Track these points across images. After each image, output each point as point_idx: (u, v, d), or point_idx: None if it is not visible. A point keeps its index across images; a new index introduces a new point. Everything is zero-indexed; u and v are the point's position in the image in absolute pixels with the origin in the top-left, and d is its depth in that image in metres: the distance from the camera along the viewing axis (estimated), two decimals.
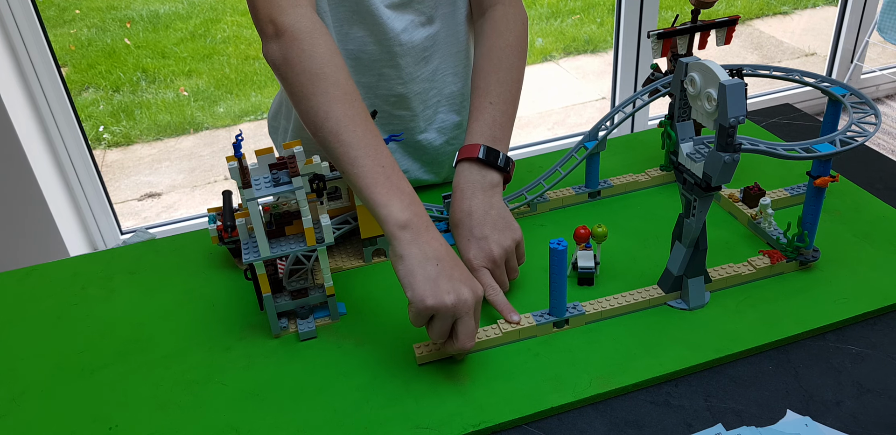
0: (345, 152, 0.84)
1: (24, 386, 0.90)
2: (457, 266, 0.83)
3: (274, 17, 0.88)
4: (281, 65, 0.88)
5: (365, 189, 0.83)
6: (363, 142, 0.85)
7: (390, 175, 0.84)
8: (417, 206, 0.84)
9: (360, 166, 0.84)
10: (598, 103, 3.45)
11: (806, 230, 0.97)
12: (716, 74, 0.78)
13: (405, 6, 1.05)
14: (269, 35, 0.89)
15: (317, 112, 0.86)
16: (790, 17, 4.20)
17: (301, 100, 0.87)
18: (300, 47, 0.87)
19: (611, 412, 0.83)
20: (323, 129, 0.85)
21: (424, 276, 0.80)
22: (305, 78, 0.86)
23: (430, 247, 0.82)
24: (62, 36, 4.02)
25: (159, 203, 2.92)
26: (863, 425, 0.80)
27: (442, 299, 0.79)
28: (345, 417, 0.83)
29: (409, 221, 0.82)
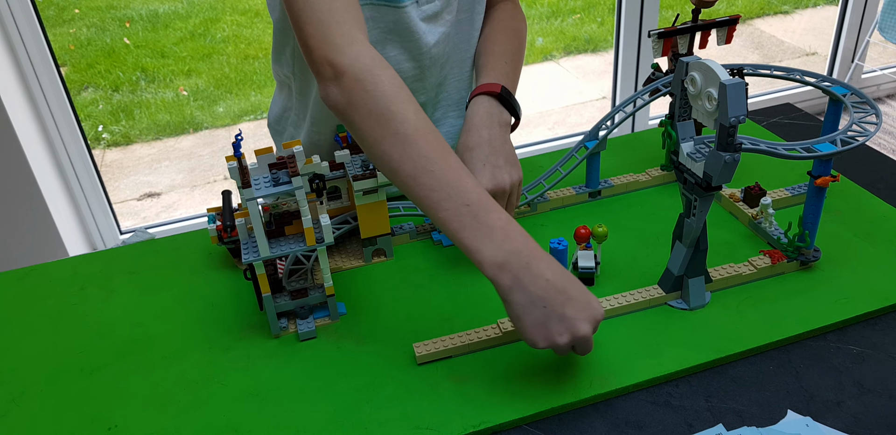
0: (426, 196, 0.79)
1: (24, 386, 0.90)
2: (569, 300, 0.77)
3: (331, 58, 0.83)
4: (345, 109, 0.83)
5: (454, 235, 0.78)
6: (443, 182, 0.79)
7: (477, 213, 0.78)
8: (513, 241, 0.78)
9: (444, 210, 0.78)
10: (598, 103, 3.44)
11: (807, 230, 0.97)
12: (716, 74, 0.78)
13: (436, 18, 1.05)
14: (328, 77, 0.83)
15: (391, 156, 0.80)
16: (791, 16, 4.20)
17: (372, 145, 0.82)
18: (363, 88, 0.82)
19: (611, 412, 0.83)
20: (399, 174, 0.80)
21: (532, 322, 0.77)
22: (373, 120, 0.81)
23: (534, 288, 0.76)
24: (61, 35, 4.02)
25: (159, 203, 2.92)
26: (863, 425, 0.80)
27: (554, 341, 0.78)
28: (345, 417, 0.83)
29: (506, 262, 0.77)
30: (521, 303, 0.77)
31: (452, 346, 0.89)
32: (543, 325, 0.77)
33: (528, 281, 0.77)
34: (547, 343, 0.78)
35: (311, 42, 0.84)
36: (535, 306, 0.77)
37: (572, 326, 0.77)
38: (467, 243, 0.78)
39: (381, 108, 0.81)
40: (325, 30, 0.83)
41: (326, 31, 0.83)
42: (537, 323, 0.77)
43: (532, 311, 0.77)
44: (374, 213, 1.02)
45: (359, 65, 0.83)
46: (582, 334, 0.77)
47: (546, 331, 0.77)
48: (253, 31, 4.12)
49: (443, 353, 0.89)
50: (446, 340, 0.89)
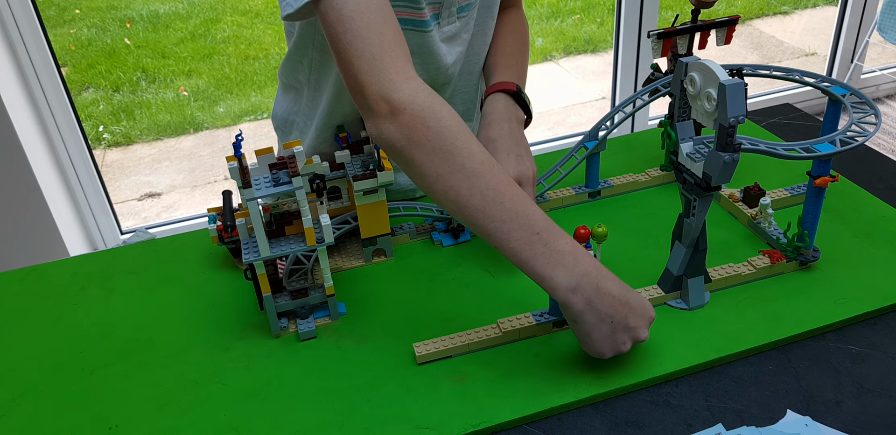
0: (496, 229, 0.79)
1: (24, 386, 0.90)
2: (631, 311, 0.81)
3: (387, 95, 0.80)
4: (405, 146, 0.80)
5: (525, 263, 0.79)
6: (512, 213, 0.80)
7: (548, 241, 0.80)
8: (582, 264, 0.80)
9: (514, 241, 0.79)
10: (598, 103, 3.45)
11: (806, 230, 0.97)
12: (715, 74, 0.78)
13: (455, 38, 1.05)
14: (383, 114, 0.81)
15: (458, 191, 0.80)
16: (790, 16, 4.20)
17: (436, 180, 0.81)
18: (425, 125, 0.80)
19: (611, 412, 0.83)
20: (468, 208, 0.80)
21: (600, 336, 0.81)
22: (438, 156, 0.80)
23: (603, 307, 0.80)
24: (62, 36, 4.02)
25: (159, 203, 2.92)
26: (863, 425, 0.80)
27: (619, 349, 0.83)
28: (345, 417, 0.83)
29: (578, 286, 0.79)
30: (591, 322, 0.80)
31: (452, 345, 0.89)
32: (610, 337, 0.81)
33: (599, 301, 0.80)
34: (613, 353, 0.83)
35: (362, 77, 0.81)
36: (604, 323, 0.81)
37: (635, 334, 0.83)
38: (540, 271, 0.79)
39: (446, 144, 0.80)
40: (378, 65, 0.81)
41: (381, 67, 0.81)
42: (604, 337, 0.81)
43: (600, 327, 0.81)
44: (374, 214, 1.02)
45: (418, 101, 0.81)
46: (642, 339, 0.83)
47: (612, 342, 0.82)
48: (253, 31, 4.12)
49: (443, 352, 0.89)
50: (446, 340, 0.89)
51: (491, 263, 1.04)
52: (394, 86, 0.80)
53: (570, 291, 0.79)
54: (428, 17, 0.98)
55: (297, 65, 1.09)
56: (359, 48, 0.81)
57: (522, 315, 0.92)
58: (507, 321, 0.91)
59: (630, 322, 0.81)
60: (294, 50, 1.07)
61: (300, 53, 1.07)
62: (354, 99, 0.84)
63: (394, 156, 0.83)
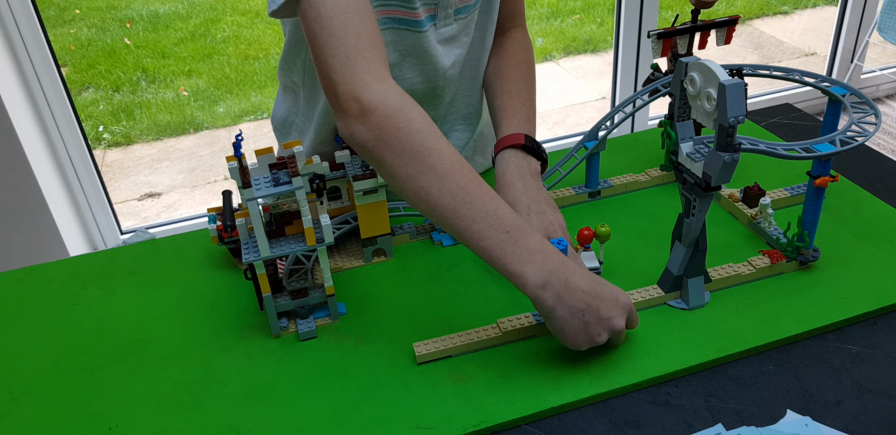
0: (466, 227, 0.81)
1: (24, 386, 0.90)
2: (602, 302, 0.82)
3: (358, 95, 0.81)
4: (375, 146, 0.81)
5: (496, 261, 0.81)
6: (482, 212, 0.81)
7: (517, 239, 0.81)
8: (551, 260, 0.81)
9: (484, 239, 0.81)
10: (598, 103, 3.45)
11: (806, 230, 0.97)
12: (715, 74, 0.78)
13: (453, 40, 1.05)
14: (354, 114, 0.81)
15: (428, 191, 0.81)
16: (790, 16, 4.20)
17: (406, 181, 0.82)
18: (395, 125, 0.81)
19: (611, 412, 0.83)
20: (438, 207, 0.81)
21: (574, 330, 0.82)
22: (408, 157, 0.81)
23: (573, 301, 0.81)
24: (62, 36, 4.02)
25: (159, 203, 2.92)
26: (863, 425, 0.80)
27: (594, 341, 0.84)
28: (345, 417, 0.83)
29: (547, 283, 0.80)
30: (563, 317, 0.82)
31: (452, 345, 0.89)
32: (584, 330, 0.82)
33: (568, 296, 0.81)
34: (589, 344, 0.84)
35: (335, 76, 0.82)
36: (576, 317, 0.82)
37: (609, 324, 0.83)
38: (510, 268, 0.80)
39: (416, 144, 0.81)
40: (351, 65, 0.82)
41: (354, 67, 0.81)
42: (578, 330, 0.82)
43: (572, 322, 0.82)
44: (374, 213, 1.02)
45: (389, 102, 0.82)
46: (618, 328, 0.84)
47: (587, 334, 0.83)
48: (253, 31, 4.12)
49: (443, 352, 0.89)
50: (446, 340, 0.89)
51: None
52: (365, 86, 0.81)
53: (540, 288, 0.80)
54: (423, 18, 0.98)
55: (292, 66, 1.09)
56: (333, 47, 0.82)
57: (522, 315, 0.92)
58: (507, 321, 0.91)
59: (602, 313, 0.82)
60: (288, 51, 1.07)
61: (293, 54, 1.07)
62: (328, 98, 0.85)
63: (365, 156, 0.84)
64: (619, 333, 0.85)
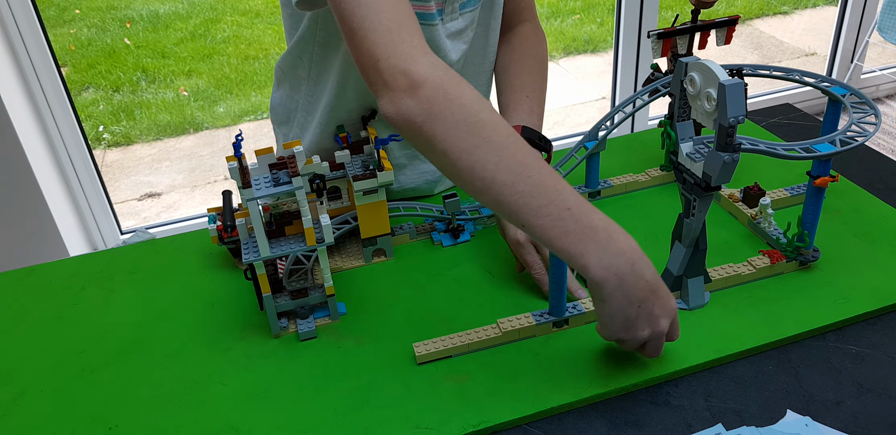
0: (525, 204, 0.75)
1: (24, 386, 0.90)
2: (658, 299, 0.78)
3: (406, 68, 0.77)
4: (426, 121, 0.76)
5: (555, 241, 0.75)
6: (541, 187, 0.75)
7: (579, 217, 0.75)
8: (617, 241, 0.76)
9: (545, 217, 0.75)
10: (598, 103, 3.45)
11: (806, 230, 0.97)
12: (715, 74, 0.78)
13: (460, 34, 1.05)
14: (401, 89, 0.77)
15: (484, 166, 0.75)
16: (790, 16, 4.20)
17: (460, 156, 0.76)
18: (446, 97, 0.76)
19: (611, 412, 0.83)
20: (495, 184, 0.75)
21: (624, 319, 0.78)
22: (462, 130, 0.76)
23: (635, 290, 0.76)
24: (62, 36, 4.02)
25: (159, 203, 2.92)
26: (863, 425, 0.80)
27: (635, 336, 0.80)
28: (345, 417, 0.83)
29: (611, 265, 0.75)
30: (619, 302, 0.77)
31: (452, 345, 0.89)
32: (633, 322, 0.78)
33: (631, 283, 0.76)
34: (629, 336, 0.80)
35: (378, 50, 0.78)
36: (632, 306, 0.77)
37: (655, 323, 0.79)
38: (571, 248, 0.75)
39: (469, 117, 0.77)
40: (395, 39, 0.78)
41: (398, 41, 0.78)
42: (628, 320, 0.78)
43: (627, 310, 0.77)
44: (374, 213, 1.02)
45: (438, 74, 0.78)
46: (661, 330, 0.80)
47: (633, 327, 0.79)
48: (253, 31, 4.12)
49: (442, 352, 0.89)
50: (446, 340, 0.89)
51: (491, 263, 1.04)
52: (412, 59, 0.77)
53: (603, 269, 0.75)
54: (434, 11, 0.98)
55: (297, 60, 1.09)
56: (374, 22, 0.79)
57: (522, 315, 0.92)
58: (507, 321, 0.91)
59: (655, 310, 0.78)
60: (295, 45, 1.07)
61: (300, 49, 1.07)
62: (367, 75, 0.80)
63: (412, 133, 0.78)
64: (660, 336, 0.81)
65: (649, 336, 0.80)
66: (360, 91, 1.05)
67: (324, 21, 1.00)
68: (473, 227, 1.11)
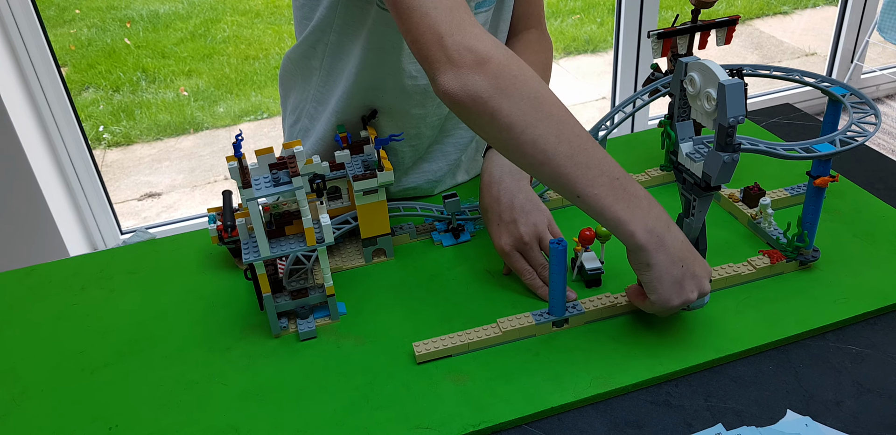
0: (582, 175, 0.80)
1: (24, 386, 0.90)
2: (697, 260, 0.84)
3: (471, 45, 0.79)
4: (492, 96, 0.79)
5: (608, 209, 0.80)
6: (595, 159, 0.81)
7: (626, 186, 0.81)
8: (655, 208, 0.83)
9: (598, 186, 0.80)
10: (598, 103, 3.45)
11: (806, 230, 0.97)
12: (715, 74, 0.78)
13: None
14: (468, 65, 0.79)
15: (547, 139, 0.79)
16: (790, 16, 4.20)
17: (525, 130, 0.79)
18: (511, 73, 0.79)
19: (611, 412, 0.83)
20: (556, 156, 0.79)
21: (671, 280, 0.82)
22: (526, 104, 0.79)
23: (675, 249, 0.82)
24: (62, 36, 4.02)
25: (159, 203, 2.92)
26: (863, 425, 0.80)
27: (687, 298, 0.84)
28: (345, 417, 0.83)
29: (654, 228, 0.81)
30: (664, 263, 0.81)
31: (452, 345, 0.89)
32: (679, 283, 0.83)
33: (671, 243, 0.82)
34: (681, 300, 0.83)
35: (442, 28, 0.79)
36: (675, 265, 0.82)
37: (700, 284, 0.84)
38: (621, 215, 0.80)
39: (533, 91, 0.80)
40: (458, 16, 0.80)
41: (461, 18, 0.80)
42: (675, 281, 0.82)
43: (672, 270, 0.82)
44: (374, 213, 1.02)
45: (502, 50, 0.80)
46: (705, 290, 0.85)
47: (681, 289, 0.83)
48: (253, 31, 4.12)
49: (442, 352, 0.89)
50: (446, 340, 0.89)
51: (491, 263, 1.04)
52: (476, 36, 0.80)
53: (648, 232, 0.80)
54: None
55: (310, 50, 1.08)
56: (435, 1, 0.80)
57: (522, 315, 0.92)
58: (507, 321, 0.91)
59: (696, 270, 0.83)
60: (309, 35, 1.06)
61: (315, 38, 1.05)
62: (428, 52, 0.81)
63: (476, 109, 0.80)
64: (704, 294, 0.86)
65: (696, 298, 0.85)
66: (375, 80, 1.04)
67: (343, 9, 0.99)
68: (473, 227, 1.11)
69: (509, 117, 0.79)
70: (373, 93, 1.05)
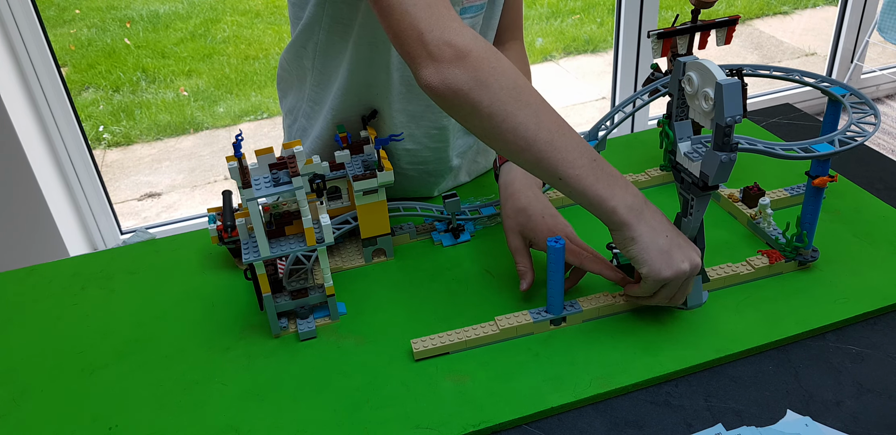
0: (562, 158, 0.83)
1: (24, 386, 0.90)
2: (679, 233, 0.87)
3: (450, 40, 0.82)
4: (473, 88, 0.82)
5: (589, 188, 0.84)
6: (573, 142, 0.85)
7: (603, 166, 0.85)
8: (631, 186, 0.86)
9: (579, 167, 0.84)
10: (598, 103, 3.45)
11: (805, 230, 0.97)
12: (713, 74, 0.78)
13: None
14: (447, 59, 0.81)
15: (527, 126, 0.83)
16: (790, 17, 4.20)
17: (505, 119, 0.83)
18: (490, 65, 0.82)
19: (611, 412, 0.83)
20: (536, 142, 0.83)
21: (658, 250, 0.84)
22: (505, 95, 0.82)
23: (655, 222, 0.85)
24: (62, 36, 4.02)
25: (159, 203, 2.93)
26: (863, 425, 0.80)
27: (679, 268, 0.85)
28: (345, 417, 0.83)
29: (633, 204, 0.84)
30: (647, 233, 0.84)
31: (450, 342, 0.89)
32: (668, 253, 0.85)
33: (650, 216, 0.85)
34: (672, 271, 0.85)
35: (421, 25, 0.82)
36: (660, 235, 0.85)
37: (690, 255, 0.86)
38: (602, 193, 0.84)
39: (510, 82, 0.83)
40: (436, 12, 0.83)
41: (439, 14, 0.83)
42: (662, 251, 0.84)
43: (657, 239, 0.85)
44: (374, 213, 1.02)
45: (480, 43, 0.83)
46: (697, 263, 0.86)
47: (670, 259, 0.85)
48: (253, 31, 4.12)
49: (440, 349, 0.89)
50: (444, 337, 0.89)
51: (491, 263, 1.04)
52: (455, 31, 0.82)
53: (628, 208, 0.84)
54: None
55: (301, 50, 1.08)
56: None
57: (519, 313, 0.92)
58: (505, 319, 0.91)
59: (681, 240, 0.86)
60: (299, 35, 1.06)
61: (305, 38, 1.06)
62: (409, 48, 0.83)
63: (458, 101, 0.83)
64: (695, 272, 0.87)
65: (690, 270, 0.86)
66: (368, 76, 1.04)
67: (331, 6, 0.99)
68: (473, 227, 1.11)
69: (490, 108, 0.82)
70: (367, 89, 1.05)
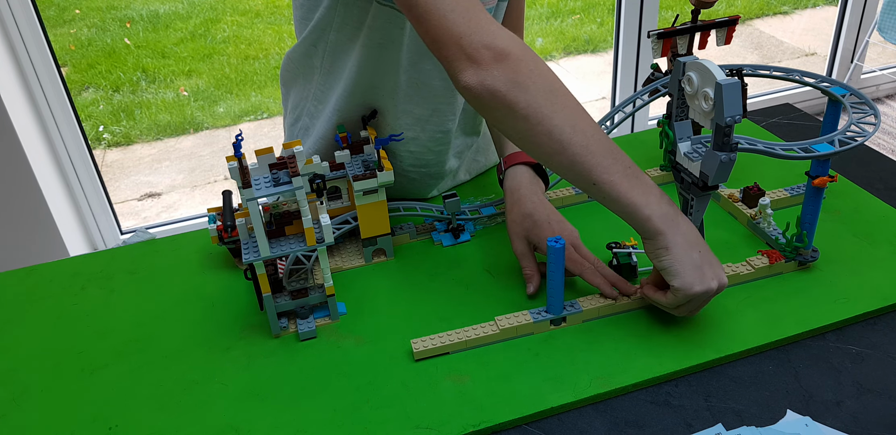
0: (598, 163, 0.83)
1: (24, 386, 0.90)
2: (709, 249, 0.86)
3: (489, 42, 0.82)
4: (510, 90, 0.82)
5: (624, 195, 0.83)
6: (608, 148, 0.84)
7: (637, 174, 0.84)
8: (665, 196, 0.85)
9: (614, 173, 0.83)
10: (598, 103, 3.45)
11: (805, 230, 0.97)
12: (712, 74, 0.79)
13: None
14: (487, 62, 0.82)
15: (562, 129, 0.82)
16: (790, 17, 4.20)
17: (541, 121, 0.83)
18: (528, 67, 0.83)
19: (611, 412, 0.83)
20: (571, 145, 0.83)
21: (691, 264, 0.84)
22: (543, 97, 0.83)
23: (690, 235, 0.84)
24: (62, 36, 4.02)
25: (159, 203, 2.93)
26: (863, 425, 0.80)
27: (708, 285, 0.84)
28: (345, 417, 0.83)
29: (667, 213, 0.84)
30: (681, 245, 0.83)
31: (450, 342, 0.89)
32: (700, 268, 0.84)
33: (685, 228, 0.85)
34: (702, 287, 0.84)
35: (460, 29, 0.83)
36: (693, 249, 0.84)
37: (719, 274, 0.85)
38: (637, 200, 0.83)
39: (549, 83, 0.83)
40: (475, 16, 0.83)
41: (478, 18, 0.83)
42: (695, 265, 0.84)
43: (691, 253, 0.84)
44: (374, 213, 1.02)
45: (518, 45, 0.83)
46: (723, 283, 0.86)
47: (702, 274, 0.84)
48: (253, 31, 4.12)
49: (440, 349, 0.89)
50: (444, 337, 0.89)
51: (491, 263, 1.04)
52: (493, 33, 0.83)
53: (663, 216, 0.83)
54: None
55: (311, 49, 1.08)
56: (450, 3, 0.83)
57: (519, 313, 0.92)
58: (505, 319, 0.91)
59: (713, 258, 0.85)
60: (309, 34, 1.06)
61: (315, 37, 1.06)
62: (447, 52, 0.84)
63: (495, 103, 0.83)
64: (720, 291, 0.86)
65: (717, 289, 0.85)
66: (375, 77, 1.04)
67: (343, 6, 1.00)
68: (473, 227, 1.11)
69: (527, 109, 0.82)
70: (373, 91, 1.05)
